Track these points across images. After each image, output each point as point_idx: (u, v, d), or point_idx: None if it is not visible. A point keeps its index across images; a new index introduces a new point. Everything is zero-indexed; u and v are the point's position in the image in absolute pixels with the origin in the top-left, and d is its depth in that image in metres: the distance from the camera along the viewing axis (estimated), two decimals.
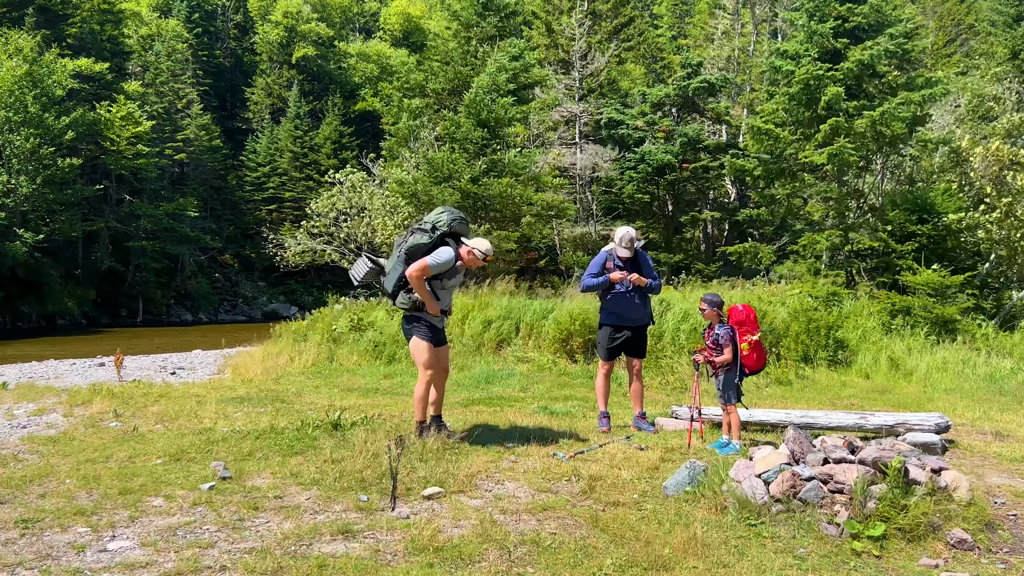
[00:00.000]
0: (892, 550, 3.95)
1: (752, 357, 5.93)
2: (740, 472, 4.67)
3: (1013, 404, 8.41)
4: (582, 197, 23.92)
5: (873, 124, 14.43)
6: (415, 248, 5.57)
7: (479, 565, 3.63)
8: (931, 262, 13.46)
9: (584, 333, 10.66)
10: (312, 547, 3.79)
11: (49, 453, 5.52)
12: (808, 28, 15.68)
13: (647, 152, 22.33)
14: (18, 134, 30.33)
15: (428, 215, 5.83)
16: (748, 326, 5.91)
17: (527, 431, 6.29)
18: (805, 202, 17.32)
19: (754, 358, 5.94)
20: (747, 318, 5.93)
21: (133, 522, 4.08)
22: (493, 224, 17.27)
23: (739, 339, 5.89)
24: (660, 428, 6.70)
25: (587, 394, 8.63)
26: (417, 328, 5.68)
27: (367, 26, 66.63)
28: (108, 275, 37.04)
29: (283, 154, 47.82)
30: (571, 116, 24.56)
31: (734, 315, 5.99)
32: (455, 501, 4.53)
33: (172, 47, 44.78)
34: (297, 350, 11.58)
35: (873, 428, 6.27)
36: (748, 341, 5.87)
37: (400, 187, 17.28)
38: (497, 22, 23.22)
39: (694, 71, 23.70)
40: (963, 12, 39.34)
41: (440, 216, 5.68)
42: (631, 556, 3.74)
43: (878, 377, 9.92)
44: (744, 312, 5.96)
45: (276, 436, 5.87)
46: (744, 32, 31.11)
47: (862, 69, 15.06)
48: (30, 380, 10.68)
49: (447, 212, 5.74)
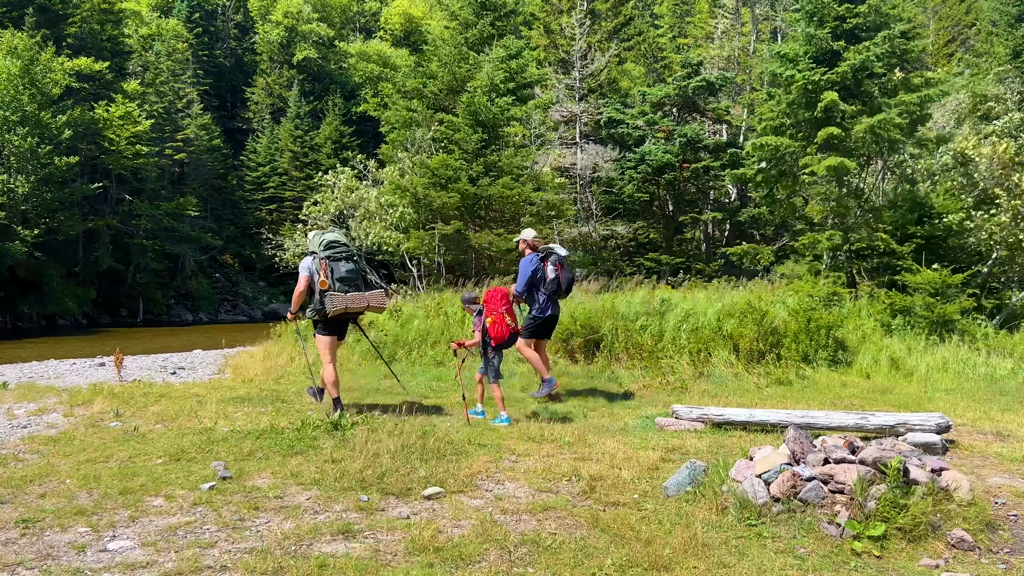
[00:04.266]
0: (892, 550, 3.95)
1: (494, 329, 6.93)
2: (740, 472, 4.67)
3: (1014, 404, 8.41)
4: (582, 197, 23.92)
5: (871, 129, 14.42)
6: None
7: (479, 565, 3.63)
8: (931, 262, 13.45)
9: (584, 333, 10.66)
10: (312, 547, 3.79)
11: (49, 453, 5.52)
12: (806, 32, 15.66)
13: (647, 152, 22.32)
14: (15, 133, 30.31)
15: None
16: (492, 304, 6.94)
17: (527, 431, 6.29)
18: (805, 202, 17.32)
19: (496, 331, 6.94)
20: (491, 299, 6.96)
21: (133, 522, 4.08)
22: (493, 224, 17.26)
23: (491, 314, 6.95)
24: (661, 428, 6.72)
25: (588, 394, 8.63)
26: (319, 329, 7.30)
27: (367, 26, 66.62)
28: (108, 275, 37.03)
29: (283, 154, 47.82)
30: (571, 116, 24.57)
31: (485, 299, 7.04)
32: (455, 501, 4.53)
33: (172, 47, 44.79)
34: (298, 350, 11.57)
35: (874, 428, 6.27)
36: (492, 317, 6.90)
37: (398, 193, 17.25)
38: (495, 21, 23.21)
39: (694, 71, 23.71)
40: (963, 12, 39.34)
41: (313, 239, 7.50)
42: (631, 556, 3.74)
43: (878, 377, 9.91)
44: (489, 294, 7.01)
45: (276, 436, 5.87)
46: (744, 31, 31.10)
47: (858, 71, 15.05)
48: (30, 380, 10.67)
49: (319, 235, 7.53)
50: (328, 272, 7.16)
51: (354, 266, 7.39)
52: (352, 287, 7.26)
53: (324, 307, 7.11)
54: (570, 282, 8.22)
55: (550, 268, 8.00)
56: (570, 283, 8.22)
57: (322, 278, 7.12)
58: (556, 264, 8.03)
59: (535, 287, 8.00)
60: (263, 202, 47.27)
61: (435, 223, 16.96)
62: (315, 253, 7.30)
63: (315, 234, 7.61)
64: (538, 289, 7.99)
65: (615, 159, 23.51)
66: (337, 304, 7.08)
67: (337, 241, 7.38)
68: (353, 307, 7.23)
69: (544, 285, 7.96)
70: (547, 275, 7.97)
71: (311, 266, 7.23)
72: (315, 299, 7.20)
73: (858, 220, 15.61)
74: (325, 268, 7.16)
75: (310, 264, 7.24)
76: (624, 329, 10.61)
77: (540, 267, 8.01)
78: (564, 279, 8.05)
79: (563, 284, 8.04)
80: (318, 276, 7.15)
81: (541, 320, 8.02)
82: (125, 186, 38.51)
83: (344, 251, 7.35)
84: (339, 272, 7.20)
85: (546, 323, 8.12)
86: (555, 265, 8.02)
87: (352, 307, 7.21)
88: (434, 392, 8.75)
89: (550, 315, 8.05)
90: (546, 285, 7.95)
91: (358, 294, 7.25)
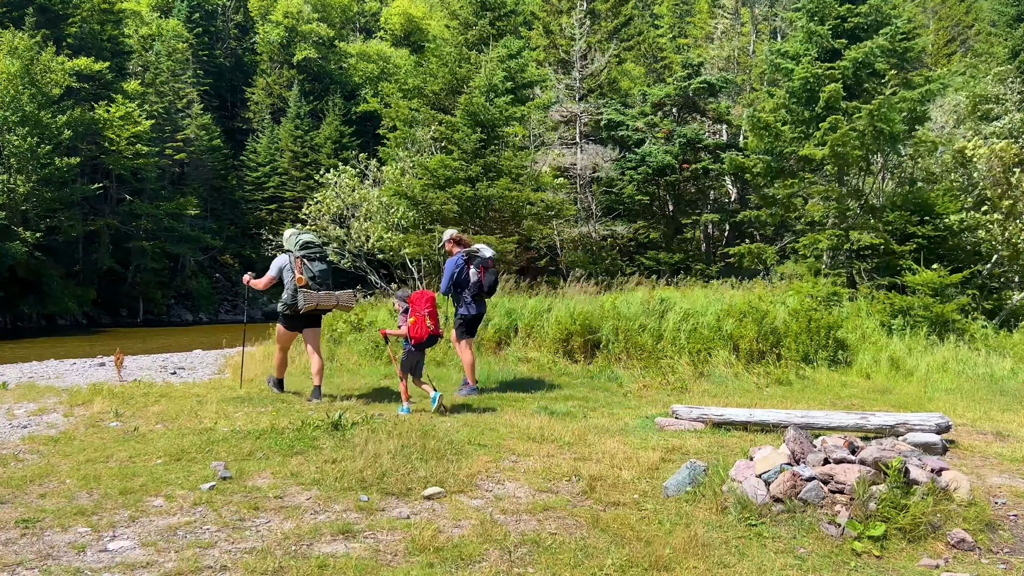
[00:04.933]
0: (893, 550, 3.95)
1: (414, 330, 7.35)
2: (741, 472, 4.66)
3: (1014, 404, 8.41)
4: (582, 197, 23.91)
5: (871, 118, 14.39)
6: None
7: (479, 565, 3.63)
8: (931, 262, 13.45)
9: (585, 333, 10.66)
10: (312, 547, 3.79)
11: (49, 453, 5.52)
12: (807, 28, 15.69)
13: (648, 153, 22.31)
14: (15, 133, 30.30)
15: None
16: (416, 306, 7.36)
17: (528, 431, 6.29)
18: (806, 201, 17.32)
19: (415, 331, 7.36)
20: (415, 300, 7.40)
21: (133, 522, 4.08)
22: (493, 225, 17.25)
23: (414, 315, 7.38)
24: (661, 428, 6.72)
25: (588, 394, 8.63)
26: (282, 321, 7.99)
27: (367, 26, 66.63)
28: (108, 275, 37.04)
29: (283, 154, 47.83)
30: (571, 116, 24.56)
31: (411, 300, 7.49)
32: (455, 501, 4.53)
33: (172, 47, 44.79)
34: (297, 350, 11.56)
35: (874, 428, 6.27)
36: (414, 318, 7.36)
37: (395, 197, 17.22)
38: (495, 20, 23.20)
39: (694, 71, 23.69)
40: (963, 12, 39.34)
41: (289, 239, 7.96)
42: (632, 556, 3.74)
43: (878, 377, 9.91)
44: (415, 296, 7.45)
45: (276, 436, 5.87)
46: (744, 31, 31.10)
47: (859, 67, 15.06)
48: (30, 380, 10.66)
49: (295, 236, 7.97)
50: (303, 270, 7.59)
51: (326, 266, 7.85)
52: (323, 286, 7.72)
53: (296, 302, 7.57)
54: (493, 283, 8.52)
55: (472, 269, 8.35)
56: (493, 283, 8.53)
57: (298, 275, 7.56)
58: (480, 265, 8.38)
59: (460, 287, 8.34)
60: (263, 202, 47.28)
61: (435, 224, 16.95)
62: (291, 251, 7.73)
63: (291, 233, 8.01)
64: (463, 289, 8.34)
65: (615, 159, 23.50)
66: (310, 300, 7.53)
67: (312, 242, 7.84)
68: (324, 304, 7.69)
69: (469, 286, 8.33)
70: (470, 276, 8.33)
71: (284, 263, 7.70)
72: (288, 294, 7.67)
73: (858, 220, 15.61)
74: (300, 266, 7.61)
75: (285, 262, 7.71)
76: (624, 329, 10.60)
77: (464, 268, 8.36)
78: (487, 280, 8.38)
79: (485, 285, 8.37)
80: (293, 273, 7.58)
81: (468, 319, 8.42)
82: (125, 186, 38.51)
83: (318, 252, 7.79)
84: (312, 271, 7.65)
85: (473, 321, 8.52)
86: (479, 267, 8.37)
87: (323, 304, 7.68)
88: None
89: (476, 314, 8.45)
90: (470, 286, 8.33)
91: (328, 293, 7.71)
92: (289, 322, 7.87)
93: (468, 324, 8.47)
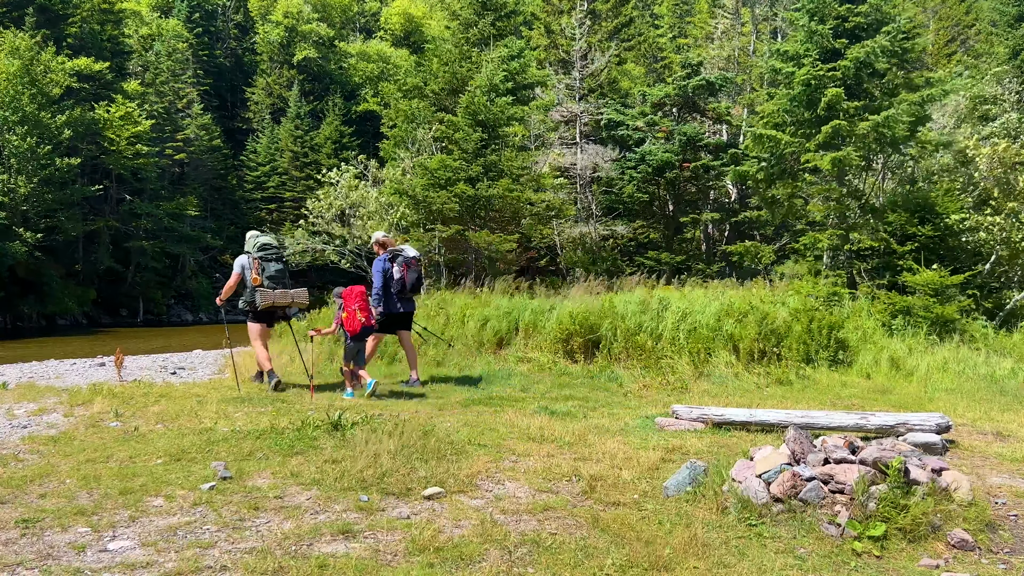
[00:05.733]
0: (893, 550, 3.95)
1: (347, 323, 8.05)
2: (741, 472, 4.66)
3: (1014, 404, 8.41)
4: (582, 197, 23.90)
5: (876, 127, 14.40)
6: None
7: (480, 565, 3.63)
8: (931, 262, 13.45)
9: (585, 333, 10.65)
10: (312, 547, 3.79)
11: (50, 453, 5.51)
12: (808, 28, 15.66)
13: (647, 152, 22.31)
14: (15, 133, 30.29)
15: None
16: (348, 301, 8.03)
17: (528, 431, 6.29)
18: (806, 202, 17.31)
19: (348, 324, 8.05)
20: (347, 296, 8.08)
21: (133, 522, 4.08)
22: (493, 225, 17.25)
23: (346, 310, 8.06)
24: (661, 428, 6.72)
25: (588, 394, 8.63)
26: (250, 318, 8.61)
27: (367, 26, 66.63)
28: (108, 275, 37.04)
29: (283, 154, 47.82)
30: (571, 116, 24.55)
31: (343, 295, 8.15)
32: (455, 501, 4.53)
33: (172, 47, 44.79)
34: (297, 350, 11.55)
35: (874, 428, 6.26)
36: (346, 312, 8.03)
37: (397, 195, 17.22)
38: (496, 20, 23.18)
39: (694, 71, 23.68)
40: (963, 12, 39.34)
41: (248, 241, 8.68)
42: (632, 556, 3.74)
43: (879, 377, 9.91)
44: (346, 292, 8.14)
45: (277, 436, 5.87)
46: (744, 31, 31.09)
47: (860, 67, 15.04)
48: (30, 380, 10.67)
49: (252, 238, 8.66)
50: (260, 270, 8.29)
51: (282, 266, 8.51)
52: (280, 285, 8.40)
53: (255, 300, 8.29)
54: (416, 281, 9.01)
55: (396, 268, 8.88)
56: (416, 282, 9.01)
57: (254, 275, 8.28)
58: (403, 264, 8.91)
59: (386, 285, 8.90)
60: (263, 202, 47.26)
61: (435, 224, 16.95)
62: (250, 253, 8.40)
63: (252, 235, 8.71)
64: (388, 287, 8.90)
65: (615, 159, 23.50)
66: (266, 298, 8.25)
67: (269, 244, 8.51)
68: (279, 302, 8.38)
69: (392, 284, 8.87)
70: (393, 275, 8.87)
71: (245, 263, 8.36)
72: (247, 293, 8.36)
73: (858, 220, 15.60)
74: (257, 267, 8.32)
75: (244, 262, 8.38)
76: (624, 329, 10.60)
77: (388, 267, 8.90)
78: (409, 279, 8.89)
79: (408, 283, 8.89)
80: (251, 273, 8.29)
81: (392, 316, 8.97)
82: (125, 186, 38.51)
83: (275, 253, 8.46)
84: (269, 271, 8.33)
85: (399, 318, 9.06)
86: (402, 266, 8.91)
87: (279, 302, 8.37)
88: (434, 392, 8.75)
89: (401, 311, 9.00)
90: (394, 284, 8.86)
91: (284, 291, 8.40)
92: (256, 317, 8.56)
93: (392, 321, 9.02)
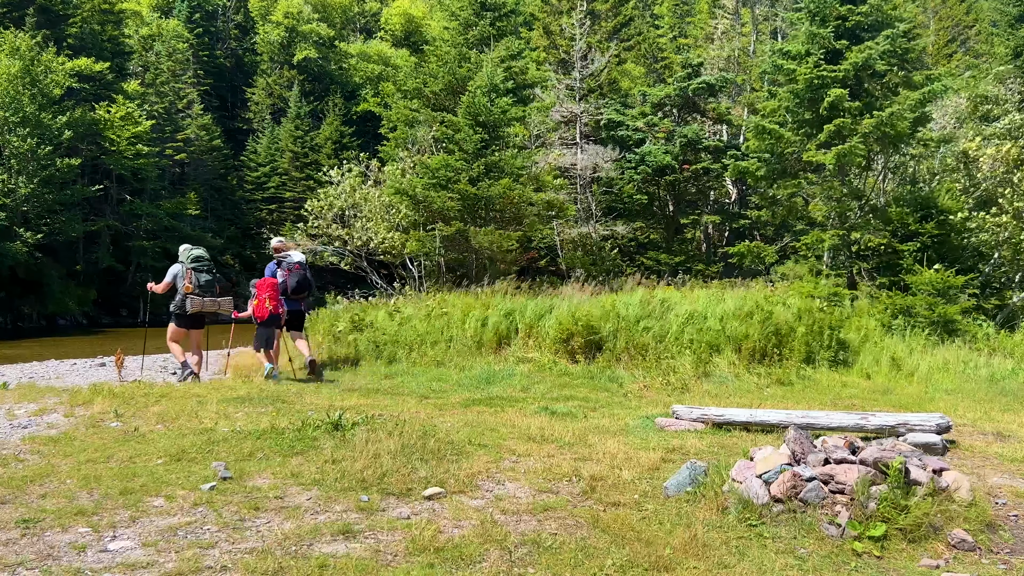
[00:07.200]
0: (893, 551, 3.94)
1: (256, 310, 9.43)
2: (741, 472, 4.66)
3: (1014, 404, 8.40)
4: (582, 197, 23.91)
5: (879, 125, 14.37)
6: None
7: (480, 565, 3.63)
8: (933, 262, 13.45)
9: (585, 333, 10.65)
10: (313, 547, 3.79)
11: (50, 453, 5.51)
12: (809, 30, 15.66)
13: (648, 153, 22.31)
14: (15, 134, 30.28)
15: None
16: (259, 291, 9.39)
17: (528, 431, 6.29)
18: (807, 202, 17.30)
19: (257, 311, 9.42)
20: (259, 286, 9.47)
21: (134, 522, 4.08)
22: (494, 225, 17.24)
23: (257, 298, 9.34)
24: (662, 428, 6.72)
25: (588, 394, 8.63)
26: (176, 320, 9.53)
27: (368, 26, 66.61)
28: (108, 275, 37.02)
29: (283, 154, 47.77)
30: (571, 116, 24.55)
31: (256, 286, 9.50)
32: (456, 501, 4.53)
33: (173, 47, 44.77)
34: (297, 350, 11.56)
35: (874, 428, 6.26)
36: (256, 300, 9.38)
37: (397, 195, 17.22)
38: (495, 21, 23.18)
39: (694, 71, 23.69)
40: (963, 12, 39.33)
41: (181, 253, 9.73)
42: (632, 556, 3.74)
43: (879, 377, 9.91)
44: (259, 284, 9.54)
45: (277, 436, 5.87)
46: (744, 32, 31.09)
47: (860, 70, 15.04)
48: (31, 380, 10.66)
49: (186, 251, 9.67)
50: (192, 279, 9.33)
51: (211, 277, 9.56)
52: (208, 293, 9.46)
53: (185, 305, 9.31)
54: (298, 283, 9.86)
55: (280, 272, 9.89)
56: (299, 284, 9.86)
57: (187, 284, 9.34)
58: (287, 268, 9.87)
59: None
60: (263, 202, 47.23)
61: (436, 223, 16.95)
62: (183, 263, 9.44)
63: (185, 248, 9.71)
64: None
65: (615, 159, 23.50)
66: (195, 305, 9.33)
67: (202, 256, 9.55)
68: (207, 308, 9.48)
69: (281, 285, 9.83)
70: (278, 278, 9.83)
71: (178, 271, 9.43)
72: (179, 298, 9.35)
73: (860, 220, 15.60)
74: (190, 276, 9.36)
75: (178, 271, 9.45)
76: (624, 329, 10.60)
77: (275, 270, 9.94)
78: (291, 282, 9.82)
79: (289, 286, 9.81)
80: (183, 281, 9.34)
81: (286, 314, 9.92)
82: (125, 186, 38.49)
83: (206, 265, 9.49)
84: (199, 281, 9.37)
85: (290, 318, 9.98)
86: (285, 270, 9.88)
87: (206, 308, 9.47)
88: (435, 392, 8.75)
89: (290, 310, 9.93)
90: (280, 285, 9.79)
91: (212, 299, 9.48)
92: (180, 321, 9.52)
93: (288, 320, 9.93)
